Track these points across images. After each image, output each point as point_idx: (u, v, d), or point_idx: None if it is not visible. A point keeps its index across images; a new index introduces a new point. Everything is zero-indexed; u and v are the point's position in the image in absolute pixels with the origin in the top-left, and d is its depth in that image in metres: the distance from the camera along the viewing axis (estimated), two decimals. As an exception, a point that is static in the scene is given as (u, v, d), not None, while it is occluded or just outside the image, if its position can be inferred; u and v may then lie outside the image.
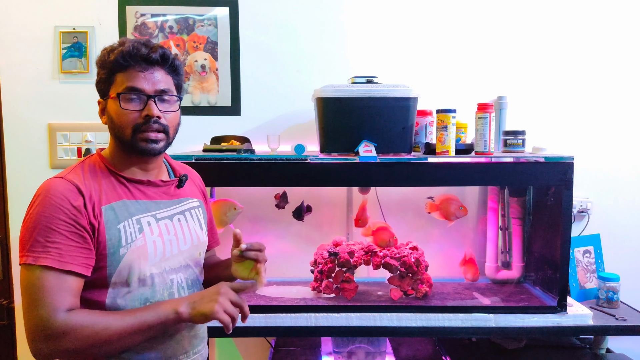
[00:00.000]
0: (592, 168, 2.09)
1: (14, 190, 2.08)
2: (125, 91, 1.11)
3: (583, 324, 1.69)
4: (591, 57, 2.09)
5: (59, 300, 1.01)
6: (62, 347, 1.00)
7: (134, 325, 1.03)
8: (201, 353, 1.25)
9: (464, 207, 1.85)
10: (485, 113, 1.70)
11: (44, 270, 1.01)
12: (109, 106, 1.14)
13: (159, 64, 1.14)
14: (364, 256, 1.85)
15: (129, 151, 1.15)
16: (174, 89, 1.18)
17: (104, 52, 1.14)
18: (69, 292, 1.03)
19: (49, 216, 1.04)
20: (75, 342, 1.00)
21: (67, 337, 0.99)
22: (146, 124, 1.11)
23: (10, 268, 2.10)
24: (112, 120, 1.13)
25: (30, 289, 1.01)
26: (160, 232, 1.16)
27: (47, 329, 0.99)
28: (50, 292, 1.00)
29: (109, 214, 1.09)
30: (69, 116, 2.07)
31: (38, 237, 1.02)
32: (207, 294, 1.08)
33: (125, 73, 1.11)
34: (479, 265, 2.05)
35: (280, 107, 2.10)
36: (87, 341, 1.00)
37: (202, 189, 1.38)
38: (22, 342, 2.11)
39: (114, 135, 1.15)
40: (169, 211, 1.20)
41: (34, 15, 2.04)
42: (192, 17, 2.07)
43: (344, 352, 1.81)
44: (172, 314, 1.05)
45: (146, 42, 1.14)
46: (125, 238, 1.10)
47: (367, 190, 2.00)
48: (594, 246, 2.01)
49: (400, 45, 2.09)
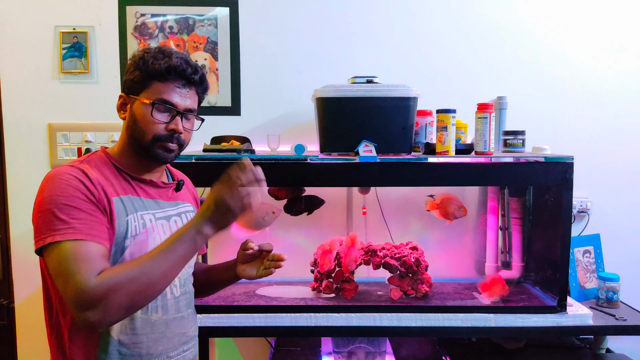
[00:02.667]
0: (592, 168, 2.09)
1: (14, 190, 2.08)
2: (160, 102, 1.14)
3: (583, 324, 1.69)
4: (591, 57, 2.09)
5: (93, 265, 0.99)
6: (111, 307, 0.98)
7: (169, 259, 1.04)
8: (191, 350, 1.27)
9: (463, 207, 1.85)
10: (485, 113, 1.70)
11: (73, 243, 1.00)
12: (135, 106, 1.16)
13: (196, 84, 1.20)
14: (363, 256, 1.85)
15: (143, 154, 1.18)
16: (196, 109, 1.23)
17: (148, 57, 1.15)
18: (100, 257, 1.02)
19: (67, 195, 1.03)
20: (122, 297, 0.98)
21: (111, 295, 0.97)
22: (169, 136, 1.16)
23: (10, 268, 2.10)
24: (136, 122, 1.15)
25: (62, 263, 0.99)
26: (159, 231, 1.18)
27: (89, 294, 0.96)
28: (82, 261, 0.99)
29: (119, 205, 1.11)
30: (69, 116, 2.07)
31: (60, 215, 1.02)
32: (220, 203, 1.05)
33: (164, 84, 1.15)
34: (478, 265, 2.05)
35: (280, 107, 2.10)
36: (132, 292, 0.99)
37: (195, 195, 1.42)
38: (22, 342, 2.11)
39: (131, 135, 1.17)
40: (166, 212, 1.23)
41: (34, 15, 2.04)
42: (192, 17, 2.07)
43: (344, 352, 1.81)
44: (199, 236, 1.06)
45: (189, 61, 1.18)
46: (130, 230, 1.11)
47: (367, 190, 2.00)
48: (594, 246, 2.01)
49: (400, 45, 2.09)
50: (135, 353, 1.13)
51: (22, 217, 2.08)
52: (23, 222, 2.08)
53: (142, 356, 1.14)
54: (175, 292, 1.21)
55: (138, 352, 1.13)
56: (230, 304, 1.75)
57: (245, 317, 1.69)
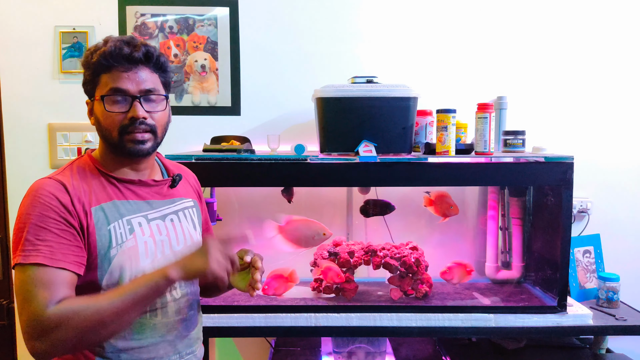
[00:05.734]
0: (592, 168, 2.09)
1: (14, 190, 2.08)
2: (109, 93, 1.09)
3: (583, 324, 1.69)
4: (591, 57, 2.09)
5: (51, 294, 0.97)
6: (58, 340, 0.96)
7: (126, 301, 0.99)
8: (195, 354, 1.23)
9: (454, 206, 1.86)
10: (485, 113, 1.70)
11: (35, 268, 0.99)
12: (95, 108, 1.13)
13: (143, 62, 1.11)
14: (364, 256, 1.85)
15: (118, 152, 1.13)
16: (160, 88, 1.15)
17: (88, 53, 1.12)
18: (61, 284, 0.99)
19: (38, 214, 1.02)
20: (70, 332, 0.96)
21: (60, 328, 0.95)
22: (132, 125, 1.09)
23: (10, 268, 2.10)
24: (99, 122, 1.12)
25: (22, 287, 0.99)
26: (152, 233, 1.14)
27: (40, 323, 0.95)
28: (41, 288, 0.97)
29: (99, 215, 1.08)
30: (69, 116, 2.07)
31: (28, 236, 1.01)
32: (196, 253, 1.04)
33: (109, 74, 1.09)
34: (478, 266, 2.05)
35: (280, 107, 2.10)
36: (81, 328, 0.96)
37: (197, 189, 1.36)
38: (22, 342, 2.10)
39: (102, 137, 1.14)
40: (161, 211, 1.19)
41: (34, 15, 2.04)
42: (192, 17, 2.07)
43: (344, 352, 1.81)
44: (162, 279, 1.01)
45: (129, 40, 1.10)
46: (115, 239, 1.08)
47: (367, 190, 1.99)
48: (594, 246, 2.01)
49: (400, 45, 2.09)
50: (136, 358, 1.10)
51: (22, 217, 2.07)
52: (23, 222, 2.07)
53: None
54: (176, 294, 1.17)
55: (138, 356, 1.11)
56: (230, 304, 1.75)
57: (245, 317, 1.68)
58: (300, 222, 1.81)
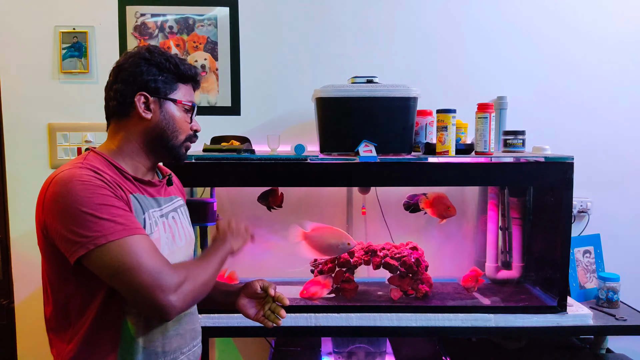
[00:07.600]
0: (592, 168, 2.09)
1: (14, 190, 2.08)
2: (190, 104, 1.21)
3: (583, 324, 1.69)
4: (591, 57, 2.09)
5: (161, 256, 1.03)
6: (188, 294, 1.02)
7: (216, 265, 1.14)
8: (199, 345, 1.27)
9: (452, 207, 1.84)
10: (485, 113, 1.70)
11: (129, 239, 0.99)
12: (167, 107, 1.16)
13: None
14: (364, 256, 1.85)
15: (161, 154, 1.19)
16: None
17: (173, 60, 1.17)
18: (157, 248, 1.06)
19: (99, 195, 1.00)
20: (194, 285, 1.04)
21: (188, 281, 1.03)
22: (194, 136, 1.24)
23: (10, 268, 2.10)
24: (170, 123, 1.16)
25: (128, 257, 0.98)
26: (164, 229, 1.18)
27: (169, 278, 1.00)
28: (149, 252, 1.01)
29: (135, 203, 1.10)
30: (69, 116, 2.07)
31: (102, 215, 0.98)
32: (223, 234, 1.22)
33: (186, 87, 1.21)
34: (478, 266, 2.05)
35: (280, 107, 2.10)
36: (201, 282, 1.07)
37: (180, 188, 1.39)
38: (22, 342, 2.11)
39: (156, 135, 1.16)
40: (166, 208, 1.22)
41: (34, 15, 2.04)
42: (192, 17, 2.07)
43: (344, 352, 1.81)
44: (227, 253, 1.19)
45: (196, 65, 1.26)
46: (148, 228, 1.11)
47: (367, 190, 2.00)
48: (594, 246, 2.01)
49: (400, 45, 2.09)
50: (152, 352, 1.13)
51: (22, 217, 2.08)
52: (23, 222, 2.08)
53: (159, 354, 1.13)
54: None
55: (154, 350, 1.13)
56: (230, 304, 1.75)
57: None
58: (326, 229, 1.79)
